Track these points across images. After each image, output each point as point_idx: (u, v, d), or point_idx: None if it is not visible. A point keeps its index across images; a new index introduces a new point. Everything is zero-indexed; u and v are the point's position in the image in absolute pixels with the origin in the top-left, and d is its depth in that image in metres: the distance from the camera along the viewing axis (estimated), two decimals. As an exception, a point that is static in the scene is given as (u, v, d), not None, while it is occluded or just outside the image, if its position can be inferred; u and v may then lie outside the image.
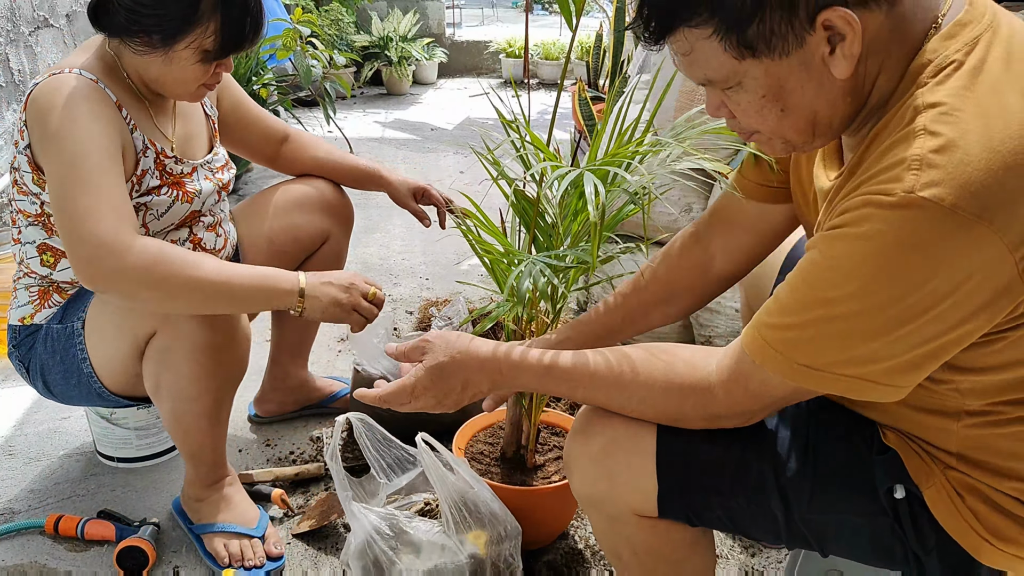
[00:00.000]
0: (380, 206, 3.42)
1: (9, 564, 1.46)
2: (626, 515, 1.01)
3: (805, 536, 0.97)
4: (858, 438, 0.96)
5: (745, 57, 0.79)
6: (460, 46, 6.55)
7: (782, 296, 0.83)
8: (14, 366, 1.50)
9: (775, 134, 0.86)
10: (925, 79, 0.77)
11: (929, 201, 0.70)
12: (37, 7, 2.62)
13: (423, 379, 1.02)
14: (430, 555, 1.30)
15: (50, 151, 1.25)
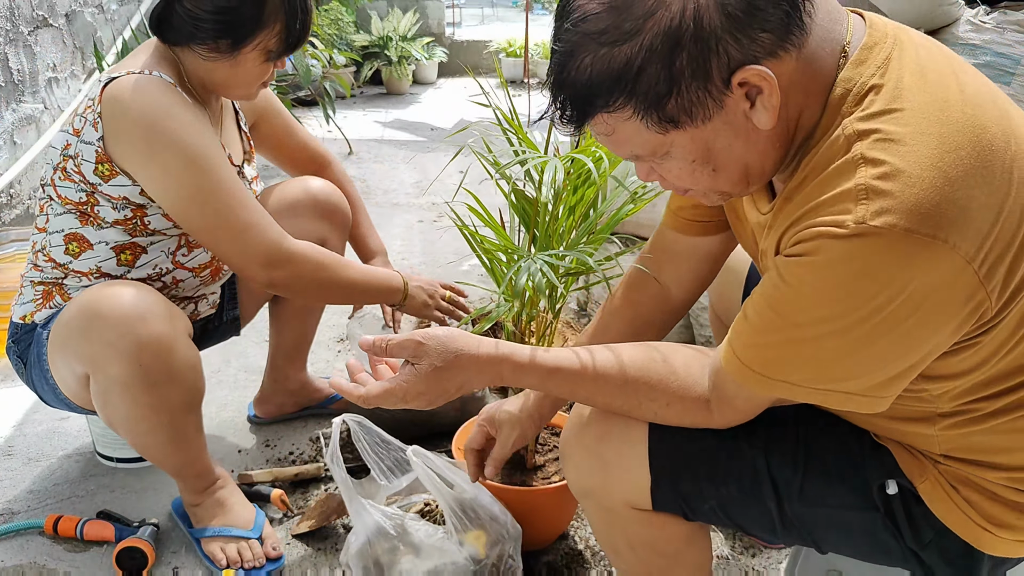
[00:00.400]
0: (380, 206, 3.42)
1: (8, 564, 1.45)
2: (621, 507, 1.02)
3: (799, 530, 0.97)
4: (849, 433, 0.96)
5: (669, 130, 0.79)
6: (460, 46, 6.55)
7: (751, 316, 0.84)
8: (12, 363, 1.49)
9: (710, 189, 0.87)
10: (848, 108, 0.78)
11: (882, 229, 0.71)
12: (36, 7, 2.62)
13: (417, 384, 0.96)
14: (430, 556, 1.29)
15: (163, 156, 1.29)
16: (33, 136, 2.61)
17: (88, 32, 2.98)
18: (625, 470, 0.98)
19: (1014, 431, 0.85)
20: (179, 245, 1.47)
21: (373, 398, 0.97)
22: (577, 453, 1.03)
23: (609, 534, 1.09)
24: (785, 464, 0.94)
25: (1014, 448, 0.86)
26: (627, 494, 1.00)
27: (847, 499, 0.93)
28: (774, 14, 0.74)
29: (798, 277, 0.77)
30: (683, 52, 0.74)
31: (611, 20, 0.75)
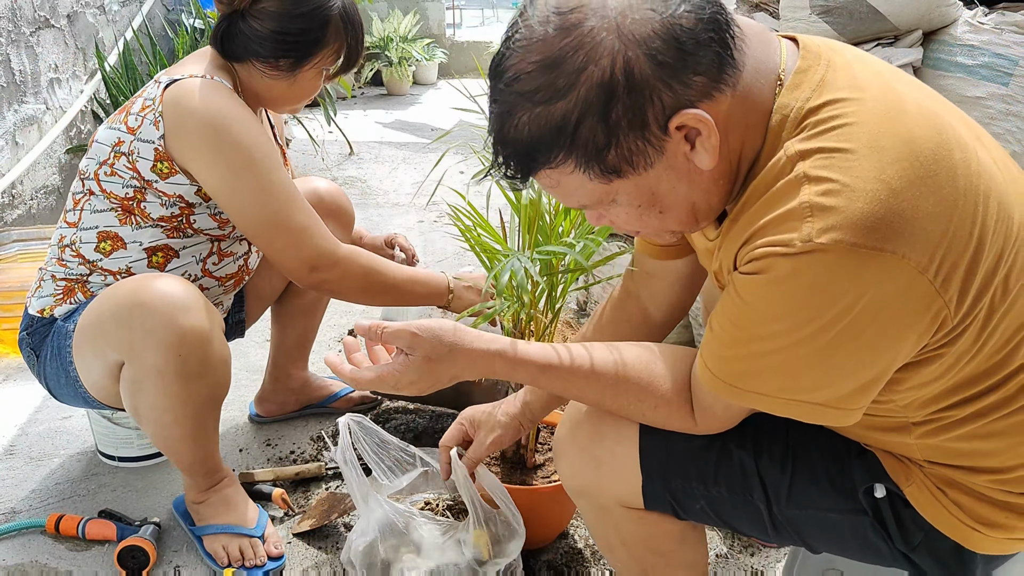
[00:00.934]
0: (380, 206, 3.43)
1: (10, 564, 1.46)
2: (614, 506, 1.03)
3: (790, 532, 0.98)
4: (837, 436, 0.97)
5: (612, 180, 0.80)
6: (460, 46, 6.55)
7: (716, 330, 0.85)
8: (23, 354, 1.50)
9: (660, 230, 0.89)
10: (788, 133, 0.79)
11: (828, 245, 0.72)
12: (38, 7, 2.63)
13: (408, 374, 0.97)
14: (431, 555, 1.30)
15: (231, 155, 1.32)
16: (35, 137, 2.62)
17: (90, 33, 2.98)
18: (617, 469, 0.99)
19: (991, 435, 0.86)
20: (211, 252, 1.49)
21: (364, 381, 0.98)
22: (570, 452, 1.04)
23: (603, 532, 1.10)
24: (774, 466, 0.95)
25: (994, 451, 0.87)
26: (619, 493, 1.01)
27: (835, 502, 0.94)
28: (705, 57, 0.75)
29: (752, 293, 0.79)
30: (617, 104, 0.75)
31: (544, 79, 0.75)
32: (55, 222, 2.66)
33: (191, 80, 1.34)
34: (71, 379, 1.43)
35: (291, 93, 1.46)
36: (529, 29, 0.76)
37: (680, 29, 0.74)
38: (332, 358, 1.01)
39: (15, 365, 2.12)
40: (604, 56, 0.73)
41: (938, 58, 1.68)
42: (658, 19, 0.74)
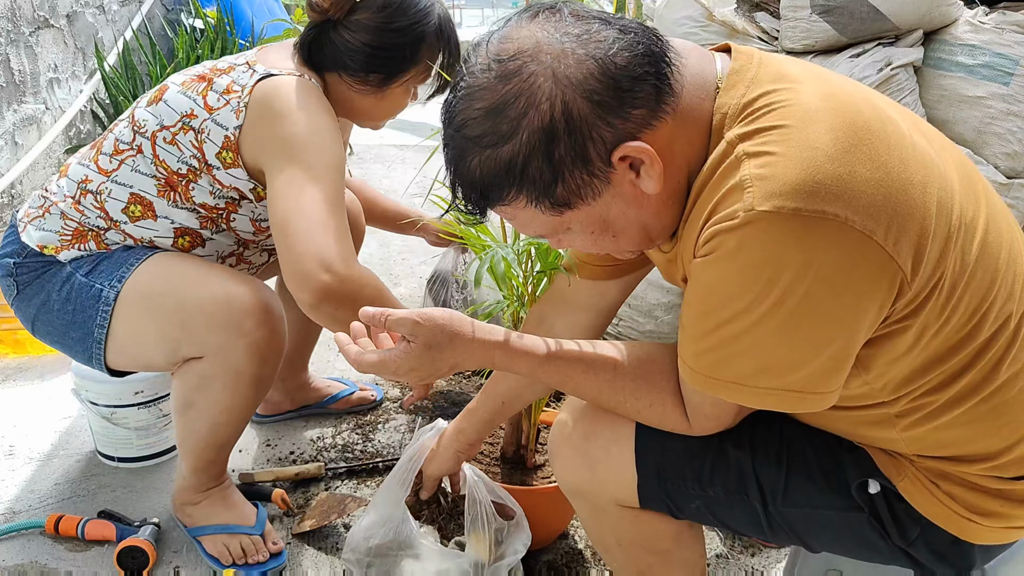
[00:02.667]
0: (380, 206, 3.42)
1: (9, 564, 1.46)
2: (609, 505, 1.03)
3: (787, 530, 0.98)
4: (830, 435, 0.97)
5: (563, 212, 0.83)
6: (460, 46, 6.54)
7: (686, 324, 0.86)
8: (0, 281, 1.40)
9: (616, 250, 0.92)
10: (728, 127, 0.81)
11: (770, 213, 0.73)
12: (38, 7, 2.62)
13: (409, 361, 0.96)
14: (431, 556, 1.30)
15: (312, 159, 1.25)
16: (34, 137, 2.61)
17: (89, 33, 2.98)
18: (612, 468, 1.00)
19: (974, 420, 0.86)
20: (232, 253, 1.46)
21: (367, 364, 0.97)
22: (565, 451, 1.05)
23: (599, 532, 1.10)
24: (769, 464, 0.95)
25: (978, 437, 0.87)
26: (615, 492, 1.01)
27: (830, 500, 0.94)
28: (642, 91, 0.78)
29: (709, 275, 0.80)
30: (560, 144, 0.79)
31: (489, 124, 0.80)
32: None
33: (287, 80, 1.28)
34: (91, 340, 1.34)
35: (377, 109, 1.42)
36: (473, 76, 0.81)
37: (615, 67, 0.77)
38: (341, 337, 1.01)
39: (15, 365, 2.12)
40: (543, 101, 0.78)
41: (939, 58, 1.68)
42: (592, 62, 0.77)
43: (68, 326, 1.36)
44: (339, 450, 1.80)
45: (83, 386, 1.65)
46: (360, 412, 1.95)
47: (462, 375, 2.10)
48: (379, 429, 1.88)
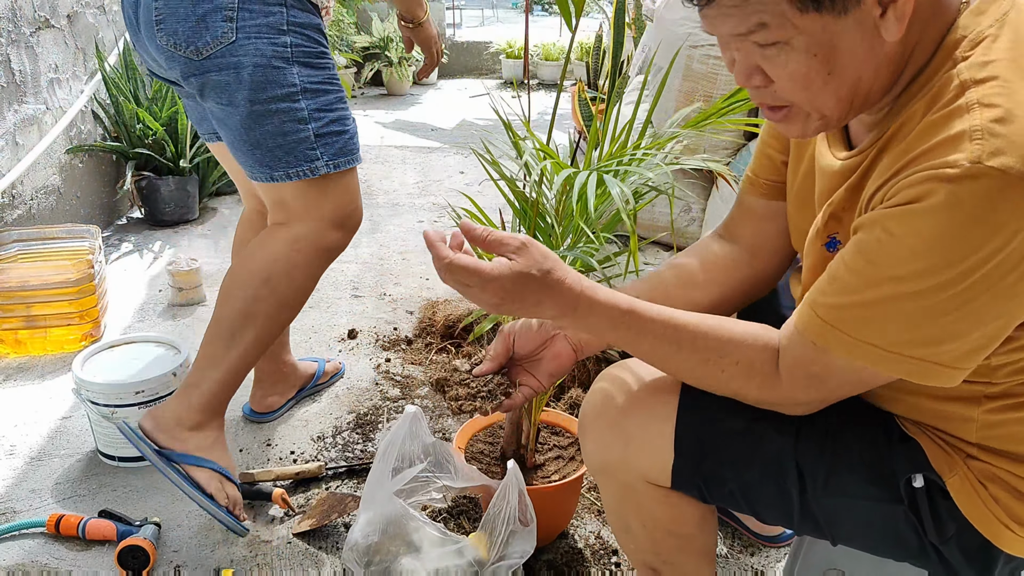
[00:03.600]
0: (380, 206, 3.43)
1: (10, 563, 1.46)
2: (638, 483, 1.01)
3: (817, 520, 0.96)
4: (878, 425, 0.96)
5: (808, 11, 0.76)
6: (460, 47, 6.55)
7: (841, 275, 0.81)
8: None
9: (813, 106, 0.83)
10: (961, 54, 0.77)
11: (996, 170, 0.70)
12: (38, 8, 2.62)
13: (504, 279, 0.89)
14: (430, 555, 1.30)
15: None
16: (35, 137, 2.61)
17: (90, 33, 2.98)
18: (648, 445, 0.98)
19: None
20: None
21: (458, 267, 0.88)
22: (598, 426, 1.02)
23: (623, 512, 1.08)
24: (812, 452, 0.93)
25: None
26: (647, 470, 0.99)
27: (872, 491, 0.92)
28: None
29: (904, 226, 0.75)
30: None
31: None
32: (55, 222, 2.67)
33: None
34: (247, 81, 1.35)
35: None
36: None
37: None
38: (432, 235, 0.91)
39: (15, 365, 2.13)
40: None
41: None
42: None
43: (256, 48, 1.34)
44: (339, 450, 1.80)
45: (84, 385, 1.66)
46: (362, 410, 1.95)
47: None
48: (379, 429, 1.88)
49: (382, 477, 1.30)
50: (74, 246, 2.34)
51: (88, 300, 2.18)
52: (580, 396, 1.89)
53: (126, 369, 1.71)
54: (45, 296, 2.14)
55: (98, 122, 3.05)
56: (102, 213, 3.07)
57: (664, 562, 1.08)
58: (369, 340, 2.29)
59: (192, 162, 3.06)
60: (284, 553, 1.50)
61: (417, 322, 2.39)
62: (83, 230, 2.39)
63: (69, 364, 1.98)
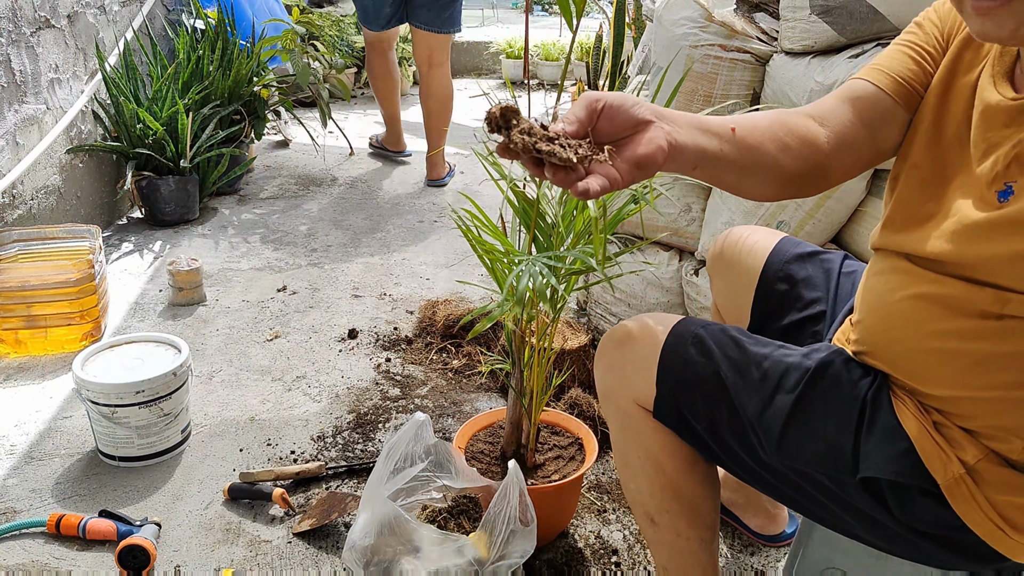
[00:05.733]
0: (380, 206, 3.43)
1: (11, 563, 1.46)
2: (632, 407, 1.09)
3: (770, 482, 1.02)
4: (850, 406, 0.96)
5: None
6: (460, 47, 6.55)
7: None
8: None
9: None
10: None
11: None
12: (39, 8, 2.62)
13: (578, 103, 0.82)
14: (430, 555, 1.30)
15: None
16: (36, 137, 2.61)
17: (90, 33, 2.98)
18: (640, 371, 1.06)
19: None
20: None
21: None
22: (606, 353, 1.13)
23: (622, 441, 1.14)
24: (774, 416, 0.98)
25: None
26: (636, 394, 1.07)
27: (826, 463, 0.95)
28: None
29: None
30: None
31: None
32: (55, 222, 2.66)
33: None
34: None
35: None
36: None
37: None
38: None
39: (16, 365, 2.13)
40: None
41: (938, 58, 1.68)
42: None
43: None
44: (339, 450, 1.81)
45: (84, 385, 1.66)
46: (362, 410, 1.95)
47: (463, 375, 2.11)
48: (379, 429, 1.88)
49: (382, 479, 1.31)
50: (74, 246, 2.34)
51: (88, 300, 2.18)
52: (580, 396, 1.89)
53: (126, 369, 1.71)
54: (45, 296, 2.14)
55: (98, 122, 3.05)
56: (102, 213, 3.07)
57: (659, 508, 1.12)
58: (369, 340, 2.30)
59: (192, 162, 3.06)
60: (284, 553, 1.50)
61: (417, 322, 2.39)
62: (83, 230, 2.39)
63: (69, 364, 1.98)
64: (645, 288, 2.08)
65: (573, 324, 2.15)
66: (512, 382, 1.44)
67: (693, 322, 1.09)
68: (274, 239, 3.04)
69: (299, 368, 2.14)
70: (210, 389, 2.04)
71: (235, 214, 3.30)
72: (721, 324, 1.09)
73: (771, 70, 1.83)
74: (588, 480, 1.69)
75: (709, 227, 1.96)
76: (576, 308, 2.47)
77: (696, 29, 1.85)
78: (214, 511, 1.61)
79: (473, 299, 2.53)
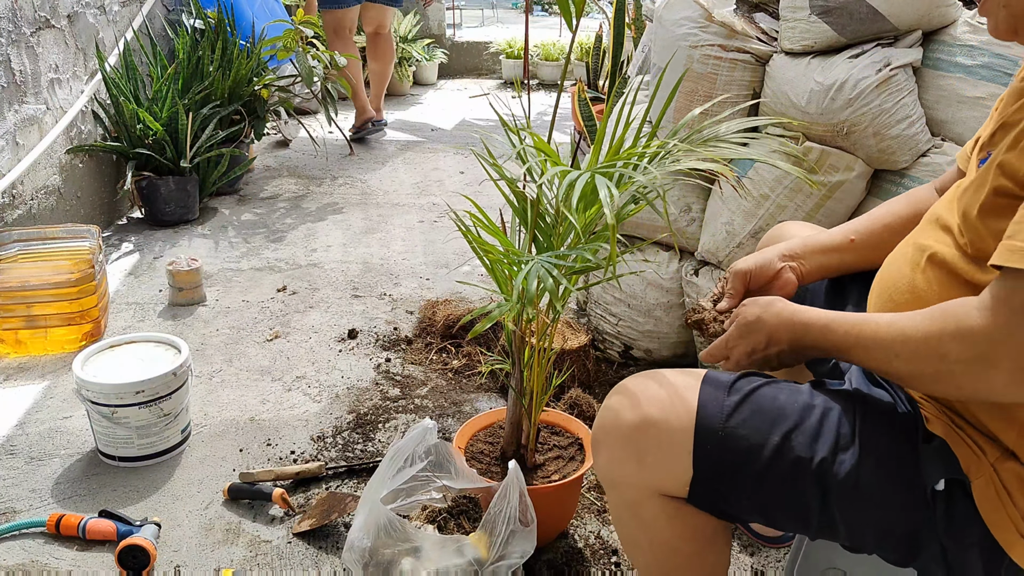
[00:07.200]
0: (380, 206, 3.43)
1: (10, 563, 1.46)
2: (648, 500, 1.00)
3: (835, 526, 0.95)
4: (903, 426, 0.95)
5: None
6: (460, 47, 6.55)
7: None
8: None
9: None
10: None
11: None
12: (39, 8, 2.62)
13: (732, 332, 1.04)
14: (430, 555, 1.30)
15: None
16: (35, 137, 2.61)
17: (90, 33, 2.98)
18: (665, 460, 0.97)
19: None
20: None
21: (710, 350, 1.09)
22: (611, 441, 1.01)
23: (630, 529, 1.07)
24: (837, 458, 0.93)
25: None
26: (662, 484, 0.98)
27: (897, 496, 0.91)
28: None
29: None
30: None
31: None
32: (55, 222, 2.67)
33: None
34: None
35: None
36: None
37: None
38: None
39: (15, 365, 2.13)
40: None
41: (938, 58, 1.68)
42: None
43: None
44: (339, 450, 1.81)
45: (84, 385, 1.66)
46: (362, 410, 1.95)
47: (463, 376, 2.11)
48: (379, 429, 1.88)
49: (383, 481, 1.31)
50: (74, 246, 2.34)
51: (88, 300, 2.18)
52: (580, 396, 1.89)
53: (126, 369, 1.71)
54: (45, 296, 2.14)
55: (98, 122, 3.05)
56: (102, 213, 3.07)
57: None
58: (369, 340, 2.30)
59: (192, 162, 3.06)
60: (284, 553, 1.50)
61: (417, 322, 2.39)
62: (83, 230, 2.39)
63: (69, 364, 1.98)
64: (645, 288, 2.08)
65: (573, 324, 2.15)
66: (512, 382, 1.44)
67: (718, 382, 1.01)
68: (274, 239, 3.04)
69: (299, 368, 2.14)
70: (210, 389, 2.04)
71: (235, 214, 3.30)
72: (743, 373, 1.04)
73: (771, 70, 1.83)
74: (588, 480, 1.69)
75: (709, 227, 1.96)
76: (576, 308, 2.47)
77: (696, 29, 1.85)
78: (214, 511, 1.61)
79: (473, 299, 2.53)
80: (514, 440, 1.48)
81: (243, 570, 1.46)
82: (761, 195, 1.80)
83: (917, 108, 1.68)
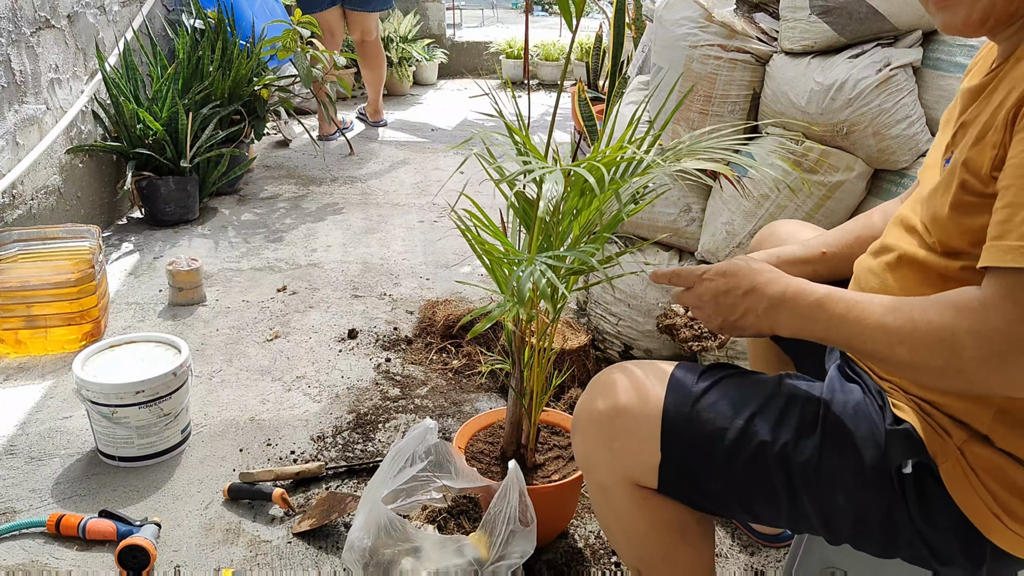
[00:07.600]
0: (380, 205, 3.43)
1: (10, 563, 1.46)
2: (616, 485, 1.02)
3: (806, 513, 0.96)
4: (869, 412, 0.95)
5: None
6: (460, 47, 6.55)
7: (1016, 199, 0.78)
8: None
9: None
10: None
11: None
12: (39, 8, 2.62)
13: (711, 270, 1.02)
14: (430, 555, 1.30)
15: None
16: (35, 137, 2.61)
17: (90, 34, 2.98)
18: (634, 446, 0.98)
19: None
20: None
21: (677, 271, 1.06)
22: (586, 425, 1.03)
23: (605, 517, 1.09)
24: (801, 442, 0.94)
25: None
26: (630, 471, 0.99)
27: (864, 479, 0.92)
28: None
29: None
30: None
31: None
32: (55, 222, 2.67)
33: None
34: None
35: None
36: None
37: None
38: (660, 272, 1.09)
39: (16, 365, 2.13)
40: None
41: (938, 58, 1.68)
42: None
43: None
44: (339, 450, 1.81)
45: (84, 385, 1.66)
46: (362, 410, 1.95)
47: (463, 375, 2.11)
48: (379, 429, 1.88)
49: (383, 481, 1.31)
50: (74, 246, 2.34)
51: (88, 300, 2.18)
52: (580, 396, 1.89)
53: (126, 369, 1.71)
54: (45, 296, 2.14)
55: (98, 122, 3.05)
56: (102, 213, 3.07)
57: (648, 567, 1.08)
58: (369, 340, 2.30)
59: (192, 162, 3.06)
60: (284, 553, 1.50)
61: (417, 322, 2.39)
62: (83, 230, 2.39)
63: (69, 364, 1.98)
64: (645, 288, 2.08)
65: (573, 324, 2.15)
66: (512, 382, 1.44)
67: (688, 371, 1.03)
68: (274, 239, 3.04)
69: (299, 368, 2.14)
70: (210, 389, 2.04)
71: (235, 214, 3.30)
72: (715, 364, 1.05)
73: (771, 70, 1.83)
74: (588, 480, 1.69)
75: (709, 227, 1.96)
76: (576, 308, 2.47)
77: (696, 29, 1.85)
78: (214, 511, 1.61)
79: (473, 299, 2.53)
80: (514, 440, 1.48)
81: (243, 570, 1.46)
82: (761, 195, 1.80)
83: (917, 108, 1.68)
